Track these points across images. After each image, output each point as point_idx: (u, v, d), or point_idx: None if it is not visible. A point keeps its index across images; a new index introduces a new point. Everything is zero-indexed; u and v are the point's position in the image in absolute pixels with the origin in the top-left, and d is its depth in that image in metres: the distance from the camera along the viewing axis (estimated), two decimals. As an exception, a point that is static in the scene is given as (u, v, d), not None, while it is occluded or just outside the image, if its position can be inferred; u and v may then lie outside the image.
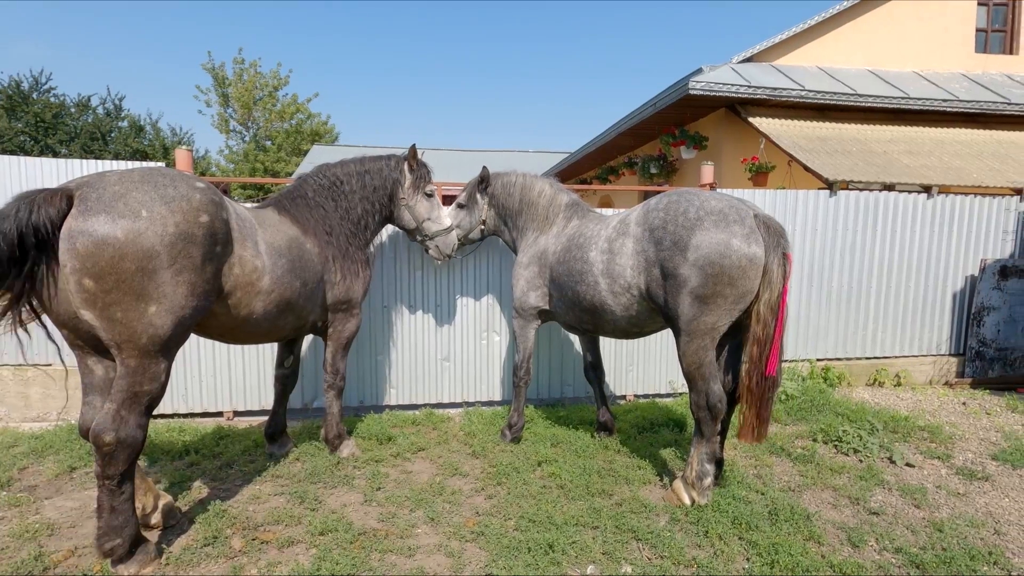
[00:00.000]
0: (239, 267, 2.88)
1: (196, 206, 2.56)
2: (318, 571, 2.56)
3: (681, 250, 3.07)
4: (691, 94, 7.38)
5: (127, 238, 2.34)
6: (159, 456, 3.85)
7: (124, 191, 2.42)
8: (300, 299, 3.32)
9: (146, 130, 24.71)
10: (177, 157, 4.95)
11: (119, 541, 2.49)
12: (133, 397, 2.47)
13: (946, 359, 6.21)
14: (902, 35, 9.07)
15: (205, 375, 4.79)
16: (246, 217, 3.04)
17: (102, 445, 2.40)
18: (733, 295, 3.03)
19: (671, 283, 3.14)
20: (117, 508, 2.48)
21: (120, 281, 2.34)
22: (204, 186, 2.72)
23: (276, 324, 3.24)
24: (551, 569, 2.63)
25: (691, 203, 3.15)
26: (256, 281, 2.97)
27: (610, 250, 3.50)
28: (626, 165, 11.23)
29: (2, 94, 21.16)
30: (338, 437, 3.91)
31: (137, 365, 2.46)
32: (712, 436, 3.24)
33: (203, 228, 2.57)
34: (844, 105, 7.84)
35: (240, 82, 24.17)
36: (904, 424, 4.57)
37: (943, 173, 6.57)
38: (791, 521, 3.06)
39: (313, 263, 3.45)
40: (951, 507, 3.34)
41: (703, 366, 3.17)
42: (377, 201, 3.95)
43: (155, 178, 2.55)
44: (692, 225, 3.07)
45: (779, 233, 3.08)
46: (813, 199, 5.78)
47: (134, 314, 2.39)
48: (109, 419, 2.42)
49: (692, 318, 3.10)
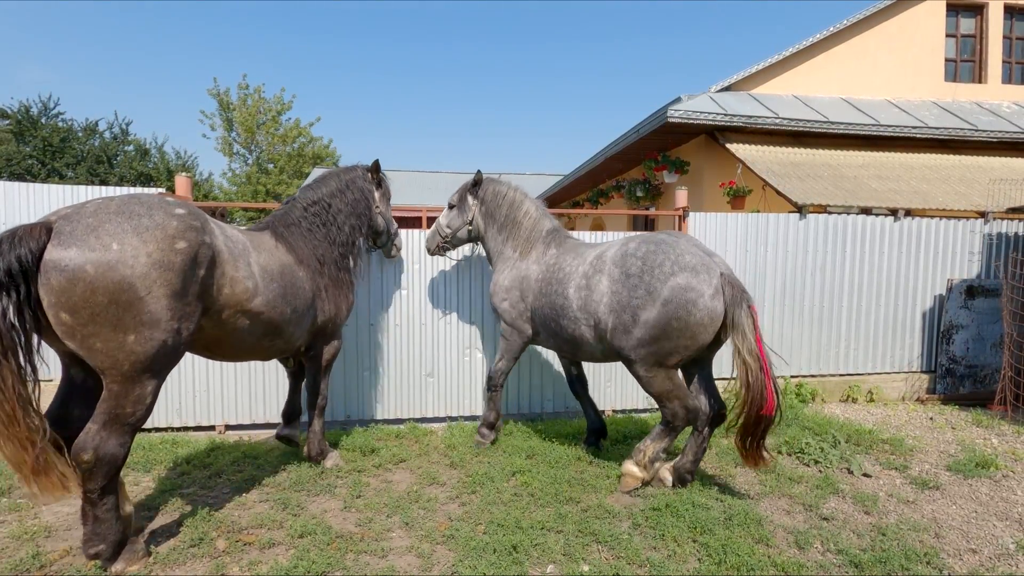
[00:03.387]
0: (230, 287, 2.96)
1: (172, 234, 2.59)
2: (295, 569, 2.76)
3: (652, 300, 3.39)
4: (670, 121, 7.72)
5: (97, 272, 2.37)
6: (152, 466, 4.05)
7: (97, 223, 2.45)
8: (289, 325, 3.43)
9: (151, 154, 25.25)
10: (177, 183, 5.24)
11: (103, 547, 2.62)
12: (115, 419, 2.53)
13: (918, 376, 6.41)
14: (874, 65, 9.47)
15: (199, 390, 5.01)
16: (238, 239, 3.14)
17: (81, 462, 2.48)
18: (693, 344, 3.41)
19: (637, 328, 3.46)
20: (100, 517, 2.60)
21: (95, 314, 2.38)
22: (184, 212, 2.73)
23: (261, 344, 3.35)
24: (513, 568, 2.82)
25: (668, 256, 3.45)
26: (247, 301, 3.06)
27: (587, 286, 3.77)
28: (615, 188, 11.57)
29: (11, 119, 21.73)
30: (320, 454, 4.06)
31: (120, 390, 2.52)
32: (672, 440, 3.65)
33: (181, 254, 2.60)
34: (817, 132, 8.18)
35: (244, 107, 24.78)
36: (867, 437, 4.76)
37: (910, 197, 6.85)
38: (744, 525, 3.24)
39: (304, 291, 3.55)
40: (899, 513, 3.52)
41: (676, 387, 3.58)
42: (360, 214, 4.13)
43: (131, 208, 2.57)
44: (665, 278, 3.38)
45: (742, 289, 3.41)
46: (784, 222, 6.05)
47: (113, 344, 2.44)
48: (89, 438, 2.49)
49: (654, 361, 3.49)
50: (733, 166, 8.09)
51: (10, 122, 21.69)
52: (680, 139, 9.02)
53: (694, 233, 5.82)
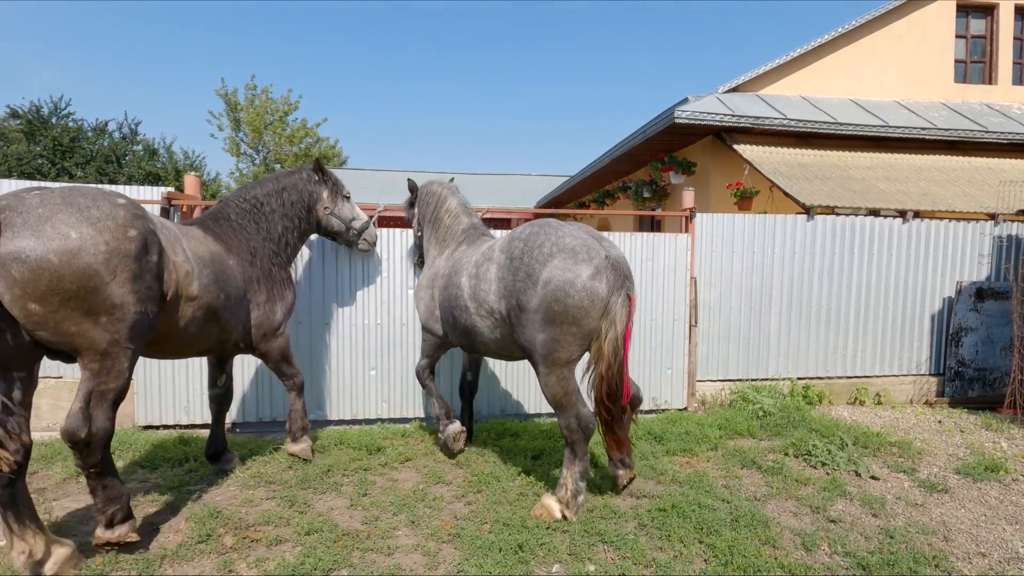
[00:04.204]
0: (175, 271, 3.03)
1: (122, 222, 2.68)
2: (302, 566, 2.77)
3: (532, 283, 3.17)
4: (677, 122, 7.71)
5: (62, 261, 2.44)
6: (161, 463, 4.08)
7: (49, 214, 2.49)
8: (224, 311, 3.43)
9: (159, 154, 25.41)
10: (186, 182, 5.30)
11: (117, 507, 2.81)
12: (100, 396, 2.68)
13: (926, 379, 6.37)
14: (882, 66, 9.42)
15: (206, 389, 5.03)
16: (170, 227, 3.18)
17: (78, 441, 2.61)
18: (579, 331, 3.15)
19: (524, 315, 3.24)
20: (108, 485, 2.79)
21: (65, 301, 2.48)
22: (125, 202, 2.81)
23: (202, 333, 3.34)
24: (519, 567, 2.82)
25: (548, 237, 3.23)
26: (188, 286, 3.12)
27: (477, 275, 3.60)
28: (621, 189, 11.54)
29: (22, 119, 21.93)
30: (302, 430, 4.15)
31: (100, 367, 2.66)
32: (584, 455, 3.32)
33: (134, 241, 2.70)
34: (825, 133, 8.14)
35: (252, 107, 24.86)
36: (875, 440, 4.73)
37: (919, 198, 6.81)
38: (750, 527, 3.23)
39: (235, 279, 3.56)
40: (907, 516, 3.50)
41: (568, 394, 3.27)
42: (296, 216, 4.13)
43: (76, 199, 2.62)
44: (544, 260, 3.16)
45: (625, 275, 3.19)
46: (791, 223, 6.03)
47: (87, 326, 2.57)
48: (80, 418, 2.62)
49: (546, 352, 3.21)
50: (740, 167, 8.07)
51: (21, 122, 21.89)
52: (687, 140, 9.00)
53: (701, 234, 5.81)
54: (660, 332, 5.74)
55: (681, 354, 5.79)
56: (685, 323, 5.78)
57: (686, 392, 5.82)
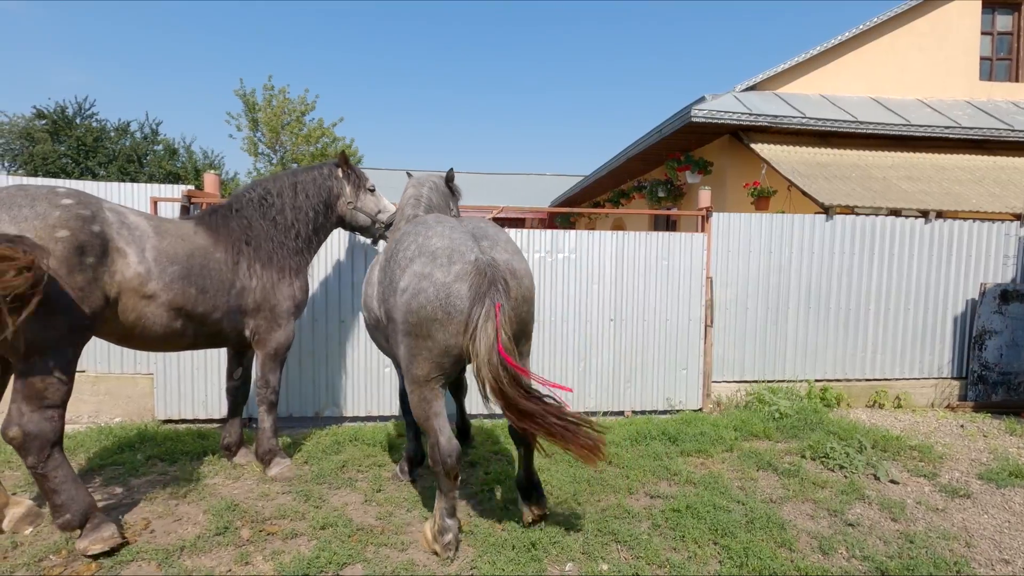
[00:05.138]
0: (120, 273, 2.99)
1: (52, 223, 2.67)
2: (317, 560, 2.80)
3: (393, 290, 2.86)
4: (694, 121, 7.64)
5: None
6: (179, 457, 4.14)
7: None
8: (199, 306, 3.36)
9: (179, 153, 25.83)
10: (206, 180, 5.39)
11: (68, 516, 2.75)
12: (30, 397, 2.67)
13: (948, 382, 6.24)
14: (904, 64, 9.25)
15: (223, 384, 5.10)
16: (136, 226, 3.15)
17: (8, 440, 2.66)
18: (435, 347, 2.71)
19: (391, 325, 2.96)
20: (56, 490, 2.73)
21: None
22: (72, 202, 2.80)
23: (174, 329, 3.30)
24: (532, 565, 2.82)
25: (416, 238, 2.88)
26: (140, 286, 3.07)
27: (369, 279, 3.48)
28: (636, 189, 11.48)
29: (47, 119, 22.42)
30: (269, 453, 3.84)
31: (25, 368, 2.66)
32: (449, 491, 2.90)
33: (62, 243, 2.67)
34: (845, 132, 8.02)
35: (269, 107, 25.14)
36: (894, 443, 4.65)
37: (941, 198, 6.67)
38: (766, 529, 3.20)
39: (220, 271, 3.49)
40: (927, 521, 3.44)
41: (428, 418, 2.84)
42: (311, 209, 4.00)
43: (14, 199, 2.67)
44: (405, 264, 2.81)
45: (492, 281, 2.65)
46: (809, 223, 5.95)
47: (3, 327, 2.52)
48: (10, 417, 2.66)
49: (405, 367, 2.86)
50: (757, 167, 7.97)
51: (47, 122, 22.39)
52: (703, 139, 8.92)
53: (717, 233, 5.76)
54: (675, 332, 5.70)
55: (696, 354, 5.75)
56: (701, 323, 5.73)
57: (701, 393, 5.77)
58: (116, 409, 5.15)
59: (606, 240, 5.60)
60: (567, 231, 5.56)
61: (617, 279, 5.61)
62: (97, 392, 5.13)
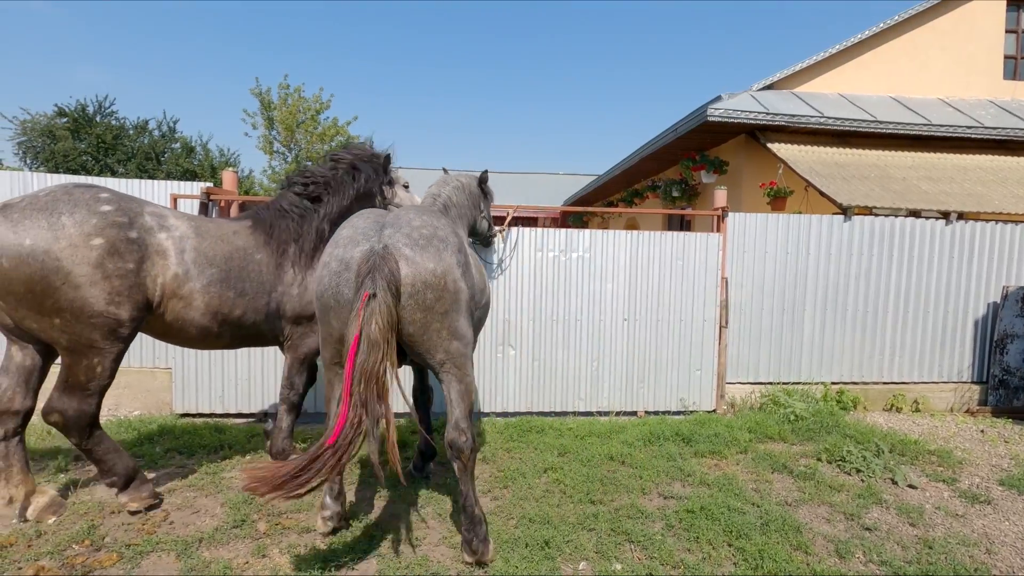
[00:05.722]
0: (161, 276, 3.06)
1: (88, 231, 2.76)
2: (332, 553, 2.82)
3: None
4: (710, 121, 7.58)
5: (11, 265, 2.64)
6: (197, 450, 4.20)
7: (22, 217, 2.70)
8: (236, 309, 3.36)
9: (196, 151, 26.15)
10: (224, 178, 5.45)
11: (115, 478, 3.10)
12: (71, 386, 2.89)
13: (968, 386, 6.14)
14: (925, 63, 9.10)
15: (240, 380, 5.17)
16: (176, 228, 3.19)
17: (50, 423, 2.90)
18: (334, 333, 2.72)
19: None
20: (101, 458, 3.06)
21: (19, 300, 2.70)
22: (110, 208, 2.88)
23: (210, 330, 3.32)
24: (545, 564, 2.82)
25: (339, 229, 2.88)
26: (178, 288, 3.13)
27: None
28: (650, 188, 11.43)
29: (68, 117, 22.82)
30: (282, 452, 3.71)
31: (70, 361, 2.86)
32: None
33: (97, 250, 2.78)
34: (864, 132, 7.91)
35: (285, 106, 25.37)
36: (913, 447, 4.58)
37: (963, 199, 6.56)
38: (781, 531, 3.17)
39: (259, 273, 3.45)
40: (947, 527, 3.39)
41: (328, 401, 2.91)
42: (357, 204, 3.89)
43: (56, 204, 2.77)
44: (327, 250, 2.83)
45: (372, 268, 2.54)
46: (827, 224, 5.88)
47: (46, 324, 2.76)
48: (51, 402, 2.90)
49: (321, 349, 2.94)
50: (774, 166, 7.90)
51: (68, 120, 22.78)
52: (719, 139, 8.85)
53: (733, 234, 5.71)
54: (690, 333, 5.67)
55: (711, 355, 5.71)
56: (715, 324, 5.69)
57: (715, 394, 5.73)
58: (135, 402, 5.24)
59: (620, 239, 5.58)
60: (581, 230, 5.55)
61: (631, 279, 5.59)
62: (117, 385, 5.17)
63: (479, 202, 4.32)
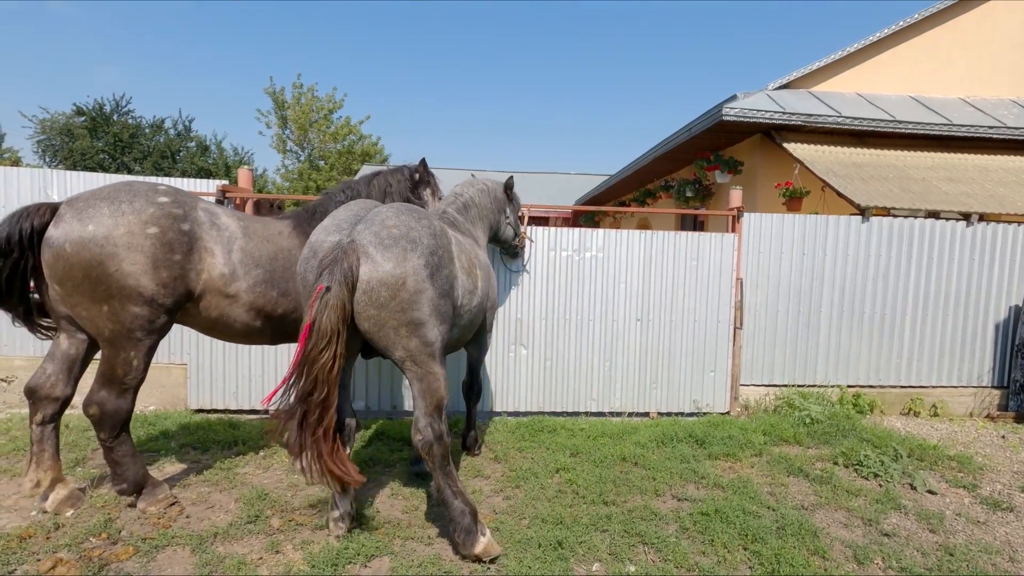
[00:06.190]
0: (207, 272, 3.12)
1: (145, 219, 2.86)
2: (346, 551, 2.82)
3: None
4: (725, 120, 7.51)
5: (73, 250, 2.74)
6: (211, 445, 4.24)
7: (86, 207, 2.81)
8: (279, 308, 3.42)
9: (211, 150, 26.43)
10: (240, 176, 5.49)
11: (124, 485, 3.10)
12: (109, 380, 2.94)
13: (988, 391, 6.03)
14: (946, 62, 8.94)
15: (254, 376, 5.21)
16: (226, 227, 3.25)
17: (88, 416, 2.96)
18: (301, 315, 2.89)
19: None
20: (118, 460, 3.06)
21: (76, 287, 2.77)
22: (167, 200, 2.99)
23: (254, 327, 3.40)
24: (558, 564, 2.81)
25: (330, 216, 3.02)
26: (224, 287, 3.18)
27: None
28: (663, 188, 11.34)
29: (86, 116, 23.15)
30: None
31: (109, 353, 2.91)
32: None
33: (151, 239, 2.86)
34: (883, 132, 7.79)
35: (298, 105, 25.56)
36: (932, 453, 4.50)
37: (985, 200, 6.44)
38: (798, 536, 3.13)
39: None
40: (968, 534, 3.32)
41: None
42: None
43: (118, 194, 2.90)
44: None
45: (333, 262, 2.58)
46: (845, 224, 5.80)
47: (95, 312, 2.82)
48: (91, 395, 2.95)
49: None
50: (789, 166, 7.80)
51: (86, 119, 23.11)
52: (733, 138, 8.76)
53: (748, 234, 5.65)
54: (703, 334, 5.62)
55: (724, 356, 5.65)
56: (729, 325, 5.64)
57: (729, 396, 5.68)
58: (151, 398, 5.29)
59: (634, 239, 5.54)
60: (595, 230, 5.52)
61: (645, 279, 5.56)
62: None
63: (504, 207, 4.37)
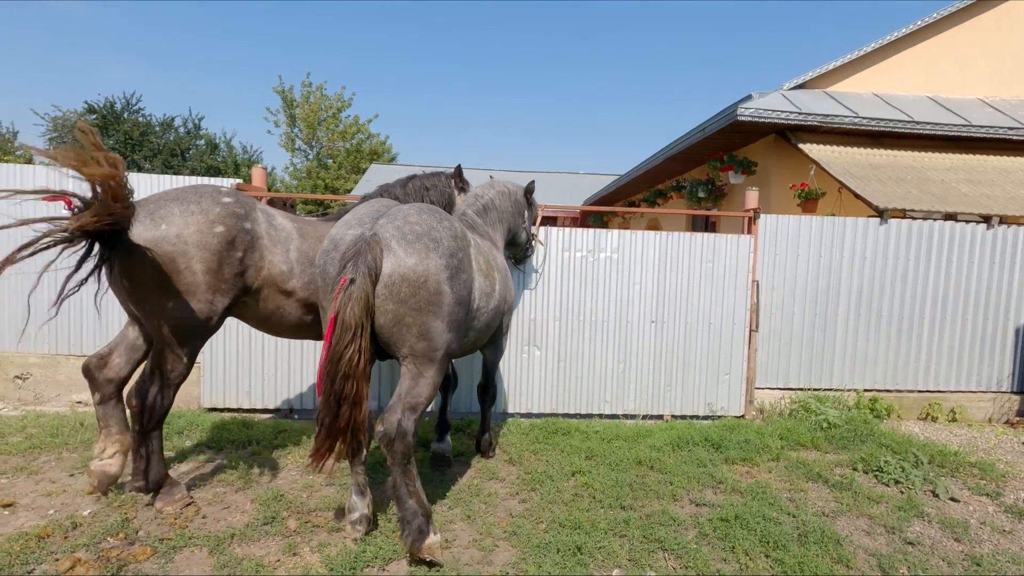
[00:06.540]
0: (267, 269, 3.27)
1: (212, 219, 3.00)
2: (363, 553, 2.80)
3: None
4: (739, 120, 7.44)
5: (148, 247, 2.86)
6: (225, 445, 4.23)
7: (157, 207, 2.96)
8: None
9: (220, 148, 26.53)
10: (253, 174, 5.50)
11: (143, 483, 3.17)
12: (156, 375, 3.03)
13: (1008, 396, 5.94)
14: (965, 62, 8.82)
15: (267, 375, 5.20)
16: (283, 227, 3.41)
17: (131, 408, 3.10)
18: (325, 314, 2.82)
19: None
20: (141, 455, 3.14)
21: (145, 281, 2.88)
22: (231, 200, 3.13)
23: (305, 322, 3.53)
24: (578, 569, 2.77)
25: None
26: (282, 283, 3.33)
27: None
28: (675, 189, 11.26)
29: (97, 113, 23.29)
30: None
31: (161, 349, 3.01)
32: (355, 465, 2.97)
33: (218, 237, 3.00)
34: (900, 132, 7.69)
35: (307, 104, 25.63)
36: (952, 459, 4.43)
37: (1005, 202, 6.34)
38: (820, 543, 3.08)
39: None
40: (994, 543, 3.26)
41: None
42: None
43: (186, 194, 3.06)
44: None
45: (357, 254, 2.61)
46: (862, 226, 5.72)
47: (159, 307, 2.93)
48: (137, 387, 3.08)
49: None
50: (804, 167, 7.72)
51: (96, 117, 23.25)
52: (747, 139, 8.68)
53: (764, 236, 5.59)
54: (718, 336, 5.56)
55: (740, 359, 5.59)
56: (745, 327, 5.58)
57: (744, 399, 5.62)
58: (164, 396, 5.29)
59: (649, 240, 5.49)
60: (610, 230, 5.48)
61: (660, 280, 5.50)
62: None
63: (523, 211, 4.38)
